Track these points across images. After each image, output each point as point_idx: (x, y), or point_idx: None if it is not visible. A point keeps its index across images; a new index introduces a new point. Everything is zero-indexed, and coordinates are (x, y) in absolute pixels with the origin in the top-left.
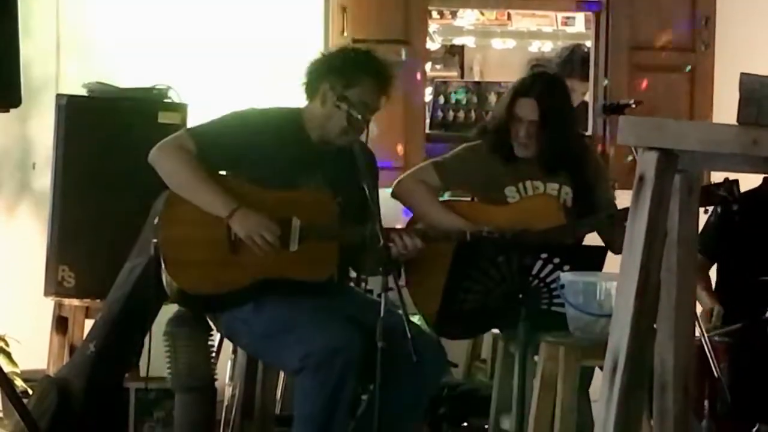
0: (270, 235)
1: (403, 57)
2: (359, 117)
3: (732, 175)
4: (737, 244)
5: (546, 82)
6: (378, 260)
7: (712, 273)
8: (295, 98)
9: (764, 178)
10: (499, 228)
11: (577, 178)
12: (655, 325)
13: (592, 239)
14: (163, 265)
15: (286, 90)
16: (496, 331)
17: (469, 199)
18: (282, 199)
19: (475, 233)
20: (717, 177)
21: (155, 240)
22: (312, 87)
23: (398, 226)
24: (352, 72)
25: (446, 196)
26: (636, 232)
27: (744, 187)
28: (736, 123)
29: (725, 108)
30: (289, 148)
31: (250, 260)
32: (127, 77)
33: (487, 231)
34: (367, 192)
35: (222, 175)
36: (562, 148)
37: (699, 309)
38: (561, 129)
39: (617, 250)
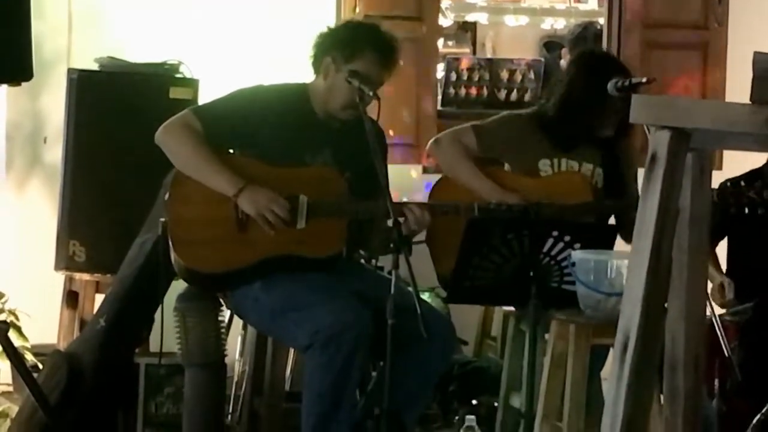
0: (280, 210)
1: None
2: (370, 93)
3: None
4: (745, 224)
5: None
6: (387, 237)
7: (722, 255)
8: (307, 75)
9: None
10: (523, 198)
11: (610, 161)
12: (666, 304)
13: None
14: (170, 244)
15: (297, 66)
16: (506, 308)
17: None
18: (289, 176)
19: (484, 207)
20: (729, 156)
21: (163, 219)
22: (317, 60)
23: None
24: (353, 45)
25: None
26: (648, 210)
27: (747, 166)
28: (749, 102)
29: (738, 86)
30: (296, 125)
31: (258, 238)
32: (138, 52)
33: (495, 204)
34: (376, 167)
35: (229, 153)
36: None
37: (709, 285)
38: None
39: (628, 239)
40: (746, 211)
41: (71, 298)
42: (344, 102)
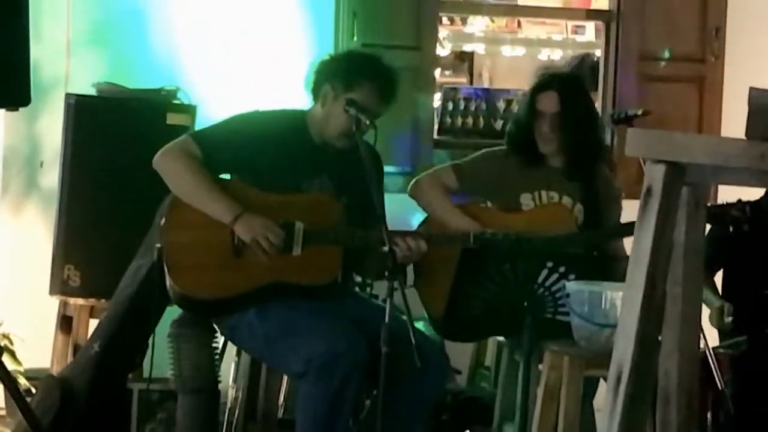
0: (275, 238)
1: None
2: (368, 122)
3: (738, 190)
4: (741, 256)
5: (565, 77)
6: (382, 264)
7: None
8: (304, 102)
9: (766, 190)
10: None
11: (590, 197)
12: (659, 337)
13: None
14: (165, 270)
15: (295, 92)
16: (500, 338)
17: (483, 204)
18: (286, 203)
19: (479, 235)
20: (725, 191)
21: (158, 245)
22: (315, 88)
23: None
24: (353, 75)
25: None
26: (643, 243)
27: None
28: (744, 136)
29: (734, 119)
30: (293, 151)
31: (253, 265)
32: (136, 78)
33: (491, 233)
34: (372, 194)
35: (226, 179)
36: (585, 142)
37: (707, 310)
38: (583, 122)
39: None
40: (731, 229)
41: (65, 322)
42: (341, 130)
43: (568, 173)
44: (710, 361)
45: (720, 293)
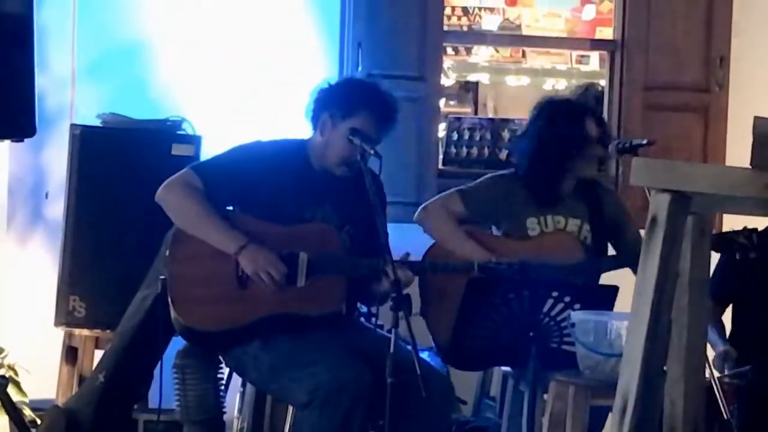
0: (276, 273)
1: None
2: (372, 152)
3: (743, 219)
4: (750, 286)
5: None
6: (386, 293)
7: (727, 318)
8: (309, 133)
9: None
10: (511, 258)
11: (597, 215)
12: (665, 367)
13: (604, 278)
14: (170, 302)
15: (299, 122)
16: (505, 368)
17: (490, 231)
18: (290, 234)
19: (483, 264)
20: (730, 220)
21: (162, 276)
22: (314, 116)
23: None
24: (350, 102)
25: None
26: (647, 273)
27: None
28: (749, 166)
29: (739, 148)
30: (295, 181)
31: (258, 296)
32: (141, 108)
33: (495, 261)
34: (376, 224)
35: (229, 211)
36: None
37: (711, 352)
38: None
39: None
40: (737, 256)
41: (70, 353)
42: (340, 158)
43: (574, 196)
44: (716, 390)
45: (730, 331)
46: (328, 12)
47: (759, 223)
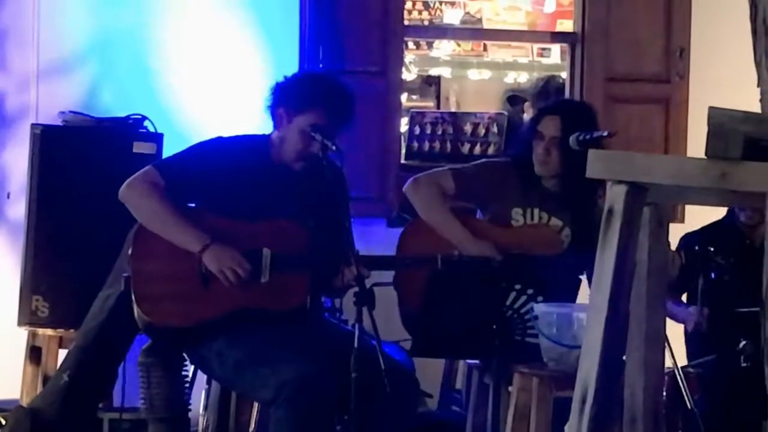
0: (241, 271)
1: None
2: (334, 147)
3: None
4: (707, 276)
5: (576, 106)
6: (349, 285)
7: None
8: (270, 128)
9: (728, 210)
10: (495, 247)
11: (579, 223)
12: (624, 357)
13: None
14: (133, 299)
15: (260, 118)
16: (470, 361)
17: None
18: (252, 229)
19: (446, 258)
20: (692, 209)
21: (126, 274)
22: (272, 111)
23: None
24: (304, 97)
25: None
26: (605, 264)
27: (709, 219)
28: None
29: (700, 138)
30: (257, 176)
31: (221, 292)
32: (103, 107)
33: (458, 255)
34: (338, 218)
35: (192, 208)
36: (581, 173)
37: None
38: (581, 152)
39: None
40: (713, 276)
41: (34, 353)
42: (296, 153)
43: (560, 199)
44: (679, 380)
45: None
46: (288, 7)
47: (718, 212)
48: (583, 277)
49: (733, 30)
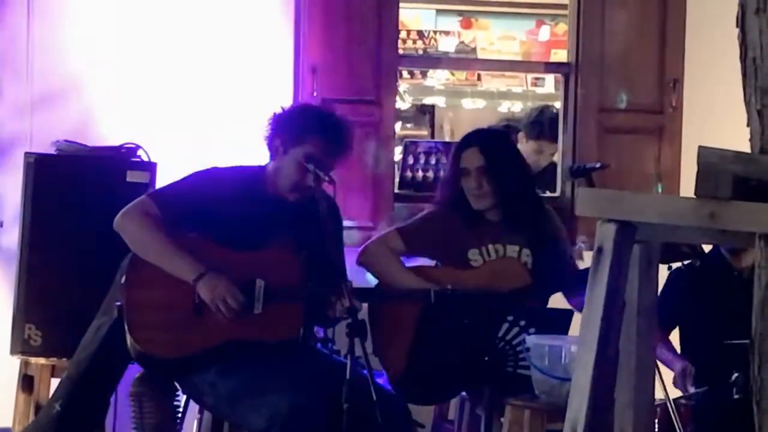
0: (234, 302)
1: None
2: (326, 178)
3: None
4: (694, 311)
5: (486, 132)
6: (342, 317)
7: (675, 340)
8: (264, 157)
9: (713, 246)
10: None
11: (535, 240)
12: (614, 394)
13: (559, 302)
14: (126, 328)
15: (254, 149)
16: (462, 392)
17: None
18: (246, 260)
19: (440, 292)
20: None
21: (118, 303)
22: (269, 142)
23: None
24: (300, 129)
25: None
26: (594, 302)
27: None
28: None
29: (693, 170)
30: (251, 207)
31: (214, 323)
32: (96, 136)
33: (451, 289)
34: (331, 250)
35: (188, 236)
36: (517, 192)
37: (670, 373)
38: (511, 172)
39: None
40: (682, 266)
41: (26, 382)
42: (291, 184)
43: (507, 225)
44: (671, 412)
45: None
46: (282, 36)
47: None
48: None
49: (726, 61)
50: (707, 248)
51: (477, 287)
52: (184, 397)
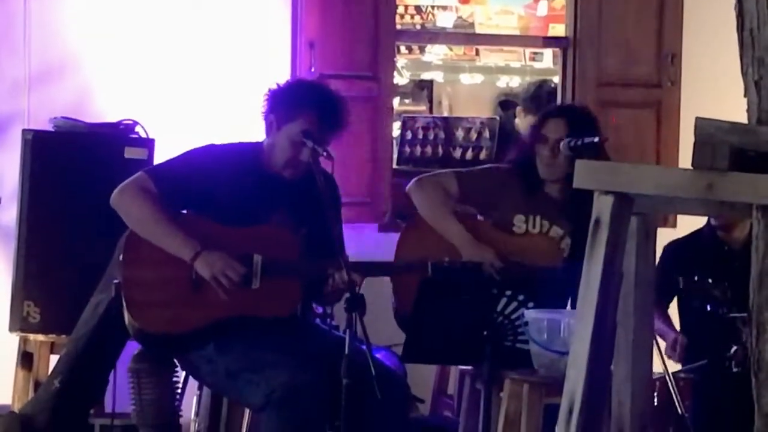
0: (234, 274)
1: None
2: (324, 153)
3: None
4: (688, 284)
5: (578, 108)
6: (341, 293)
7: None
8: (261, 133)
9: (708, 219)
10: (497, 253)
11: (579, 234)
12: (611, 367)
13: None
14: (124, 305)
15: (251, 125)
16: (462, 366)
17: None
18: (244, 236)
19: (437, 264)
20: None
21: (116, 280)
22: (265, 118)
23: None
24: (294, 105)
25: None
26: (592, 275)
27: (700, 224)
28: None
29: (691, 143)
30: (249, 183)
31: (212, 299)
32: (94, 113)
33: (449, 261)
34: (329, 225)
35: (184, 214)
36: None
37: (663, 343)
38: (587, 155)
39: None
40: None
41: (26, 359)
42: (285, 160)
43: (563, 207)
44: (670, 386)
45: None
46: (280, 12)
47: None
48: None
49: (724, 35)
50: (699, 224)
51: (508, 253)
52: (183, 373)
